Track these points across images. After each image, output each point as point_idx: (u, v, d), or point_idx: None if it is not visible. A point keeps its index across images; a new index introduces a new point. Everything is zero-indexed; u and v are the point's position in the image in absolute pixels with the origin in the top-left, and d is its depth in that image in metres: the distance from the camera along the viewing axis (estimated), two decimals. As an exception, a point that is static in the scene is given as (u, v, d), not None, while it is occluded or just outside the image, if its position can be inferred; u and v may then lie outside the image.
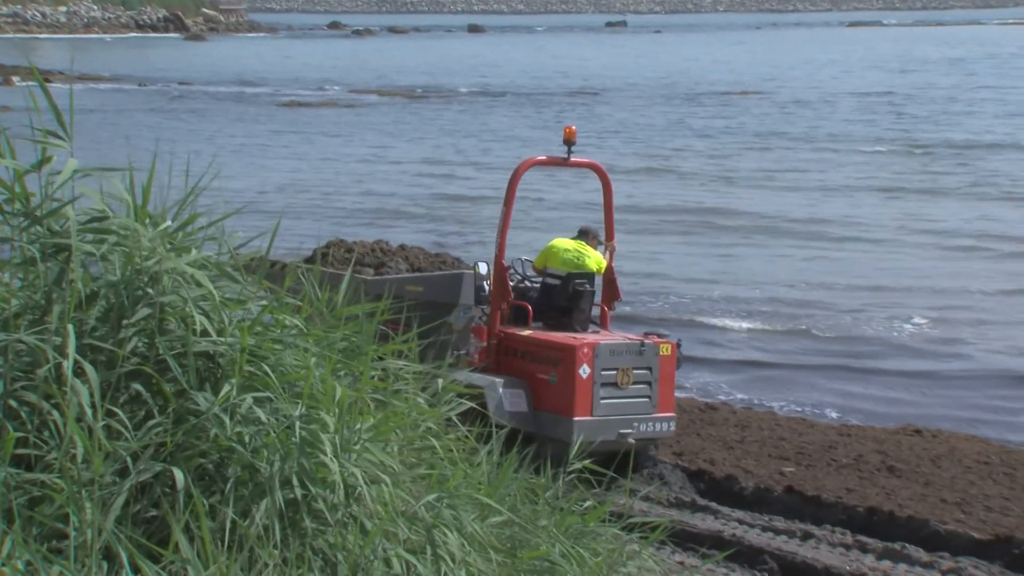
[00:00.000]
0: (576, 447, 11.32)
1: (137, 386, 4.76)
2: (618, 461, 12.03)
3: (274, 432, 4.74)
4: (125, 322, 4.76)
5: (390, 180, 38.91)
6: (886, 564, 11.05)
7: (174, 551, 4.44)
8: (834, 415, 16.50)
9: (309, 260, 13.95)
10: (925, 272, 25.06)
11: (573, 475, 7.17)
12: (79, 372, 4.49)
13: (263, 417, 4.73)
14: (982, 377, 17.86)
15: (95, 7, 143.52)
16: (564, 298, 12.57)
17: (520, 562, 5.70)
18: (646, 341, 12.22)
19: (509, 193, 12.71)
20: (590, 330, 12.63)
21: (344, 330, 5.38)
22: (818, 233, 29.32)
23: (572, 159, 12.92)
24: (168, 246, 4.95)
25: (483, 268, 12.90)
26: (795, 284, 24.20)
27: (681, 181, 38.48)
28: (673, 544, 10.74)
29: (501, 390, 11.87)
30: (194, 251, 5.06)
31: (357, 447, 4.95)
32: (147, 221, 5.03)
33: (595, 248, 12.89)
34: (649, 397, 12.15)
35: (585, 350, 11.78)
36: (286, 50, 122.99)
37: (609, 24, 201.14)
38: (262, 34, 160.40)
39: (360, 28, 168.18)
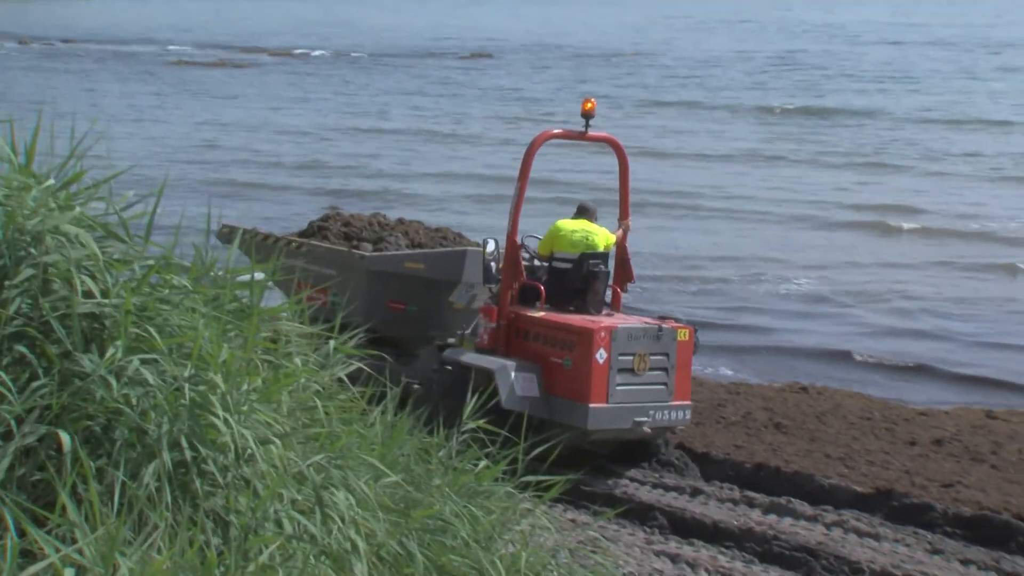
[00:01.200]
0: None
1: (21, 348, 4.66)
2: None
3: (162, 394, 4.67)
4: (7, 283, 4.66)
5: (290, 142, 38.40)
6: (772, 518, 11.24)
7: (61, 515, 4.37)
8: (728, 373, 16.70)
9: (304, 233, 13.69)
10: (807, 241, 25.28)
11: (467, 435, 7.15)
12: (-41, 334, 4.40)
13: (151, 379, 4.65)
14: (864, 335, 18.12)
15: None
16: (578, 280, 12.02)
17: (412, 521, 5.69)
18: (664, 326, 11.74)
19: (524, 168, 12.07)
20: (604, 312, 12.10)
21: (234, 289, 5.29)
22: (694, 204, 29.32)
23: (590, 133, 12.35)
24: (52, 205, 4.84)
25: (491, 246, 12.31)
26: (678, 250, 24.30)
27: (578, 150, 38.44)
28: (567, 503, 10.85)
29: (513, 374, 11.36)
30: (78, 210, 4.94)
31: (246, 408, 4.89)
32: (31, 179, 4.92)
33: (597, 224, 12.38)
34: (666, 384, 11.68)
35: (603, 334, 11.30)
36: (173, 7, 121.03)
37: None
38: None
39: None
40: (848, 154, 33.03)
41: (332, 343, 5.91)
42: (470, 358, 11.75)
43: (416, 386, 12.27)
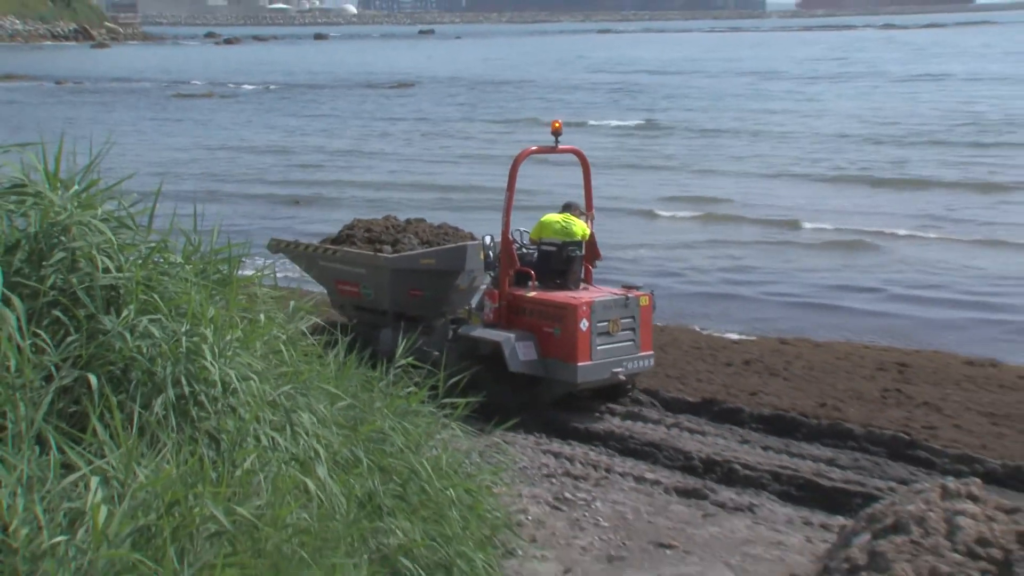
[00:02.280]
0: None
1: (56, 312, 4.62)
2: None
3: (165, 344, 4.64)
4: (44, 263, 4.61)
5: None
6: (628, 423, 11.38)
7: (92, 436, 4.34)
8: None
9: (336, 240, 13.19)
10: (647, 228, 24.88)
11: (399, 368, 7.15)
12: (8, 303, 4.34)
13: (156, 333, 4.63)
14: (694, 294, 18.25)
15: (18, 22, 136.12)
16: (560, 263, 11.70)
17: (360, 434, 5.71)
18: (630, 295, 11.40)
19: (511, 180, 11.61)
20: (581, 288, 11.71)
21: (218, 263, 5.25)
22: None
23: (560, 147, 11.83)
24: (76, 204, 4.78)
25: (488, 240, 11.97)
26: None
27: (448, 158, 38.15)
28: (477, 417, 10.87)
29: (515, 343, 11.15)
30: (97, 208, 4.88)
31: (230, 354, 4.88)
32: (59, 185, 4.85)
33: (579, 218, 12.10)
34: (633, 340, 11.39)
35: (584, 307, 11.01)
36: (172, 55, 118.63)
37: (421, 32, 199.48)
38: (153, 43, 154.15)
39: (230, 37, 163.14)
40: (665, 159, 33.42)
41: (292, 303, 5.88)
42: (480, 332, 11.56)
43: (435, 353, 12.20)
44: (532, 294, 11.48)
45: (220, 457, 4.63)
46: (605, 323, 11.14)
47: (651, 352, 11.64)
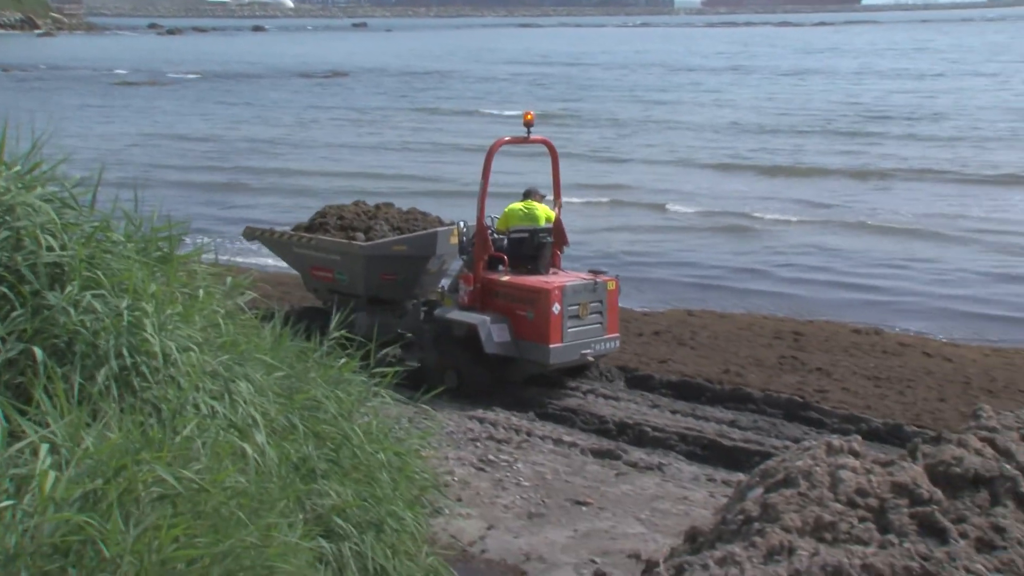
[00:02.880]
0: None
1: (3, 288, 4.49)
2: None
3: (108, 318, 4.54)
4: (-11, 242, 4.47)
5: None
6: (547, 389, 11.42)
7: (36, 407, 4.24)
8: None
9: (309, 227, 12.80)
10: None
11: (333, 341, 7.10)
12: (-46, 280, 4.21)
13: (99, 308, 4.51)
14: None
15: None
16: (531, 248, 11.50)
17: (295, 402, 5.66)
18: (598, 280, 11.15)
19: (485, 168, 11.29)
20: (551, 272, 11.47)
21: (158, 241, 5.15)
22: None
23: (532, 137, 11.52)
24: (19, 185, 4.65)
25: (462, 225, 11.80)
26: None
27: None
28: (405, 385, 10.83)
29: (490, 326, 10.89)
30: (40, 188, 4.75)
31: (170, 327, 4.79)
32: (2, 167, 4.71)
33: (540, 202, 11.84)
34: (601, 323, 11.16)
35: (556, 292, 10.79)
36: (116, 45, 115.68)
37: (354, 25, 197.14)
38: (97, 33, 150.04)
39: (172, 28, 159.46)
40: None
41: (230, 279, 5.80)
42: (455, 315, 11.29)
43: (409, 335, 12.07)
44: (505, 278, 11.24)
45: (162, 425, 4.56)
46: (575, 307, 10.93)
47: (617, 334, 11.41)
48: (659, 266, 18.58)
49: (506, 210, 11.83)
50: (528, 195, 11.94)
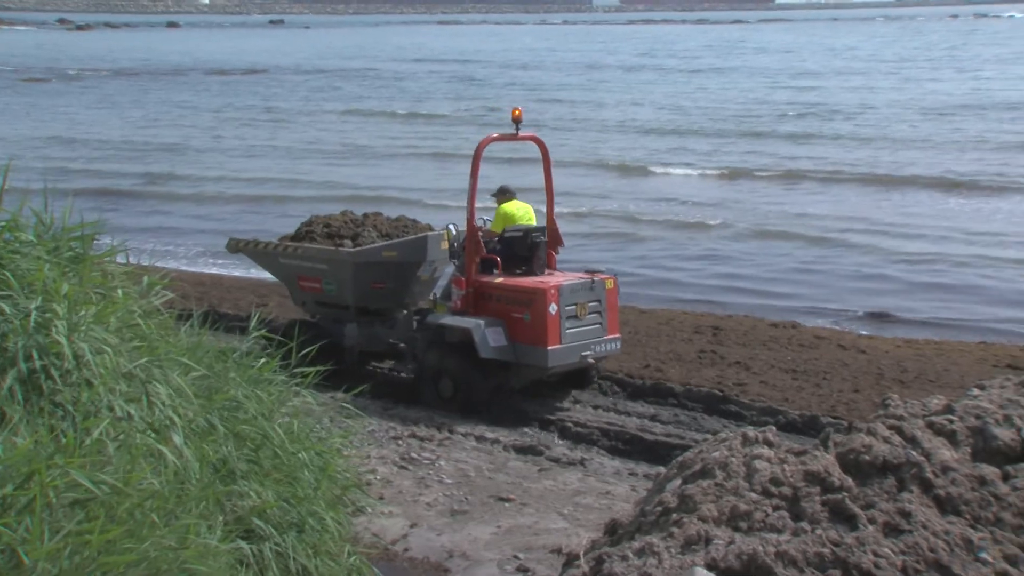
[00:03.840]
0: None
1: (-95, 292, 4.37)
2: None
3: (17, 320, 4.45)
4: None
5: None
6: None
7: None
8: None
9: (296, 237, 12.27)
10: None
11: (252, 341, 7.04)
12: None
13: (7, 309, 4.43)
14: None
15: None
16: (525, 249, 10.97)
17: (214, 403, 5.61)
18: (596, 278, 10.73)
19: (474, 167, 10.80)
20: (545, 273, 11.00)
21: (71, 241, 5.05)
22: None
23: (520, 134, 11.07)
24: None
25: (453, 229, 11.35)
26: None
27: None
28: (327, 386, 10.73)
29: (485, 330, 10.41)
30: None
31: (84, 328, 4.71)
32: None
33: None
34: (600, 324, 10.72)
35: (552, 291, 10.33)
36: (23, 40, 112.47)
37: (272, 22, 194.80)
38: (3, 27, 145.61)
39: (82, 24, 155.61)
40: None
41: (146, 279, 5.71)
42: (448, 320, 10.85)
43: (401, 345, 11.63)
44: (499, 280, 10.81)
45: (74, 429, 4.48)
46: (573, 307, 10.52)
47: (618, 335, 11.01)
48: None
49: (500, 210, 11.42)
50: (505, 192, 11.55)
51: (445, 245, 11.54)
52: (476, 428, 10.27)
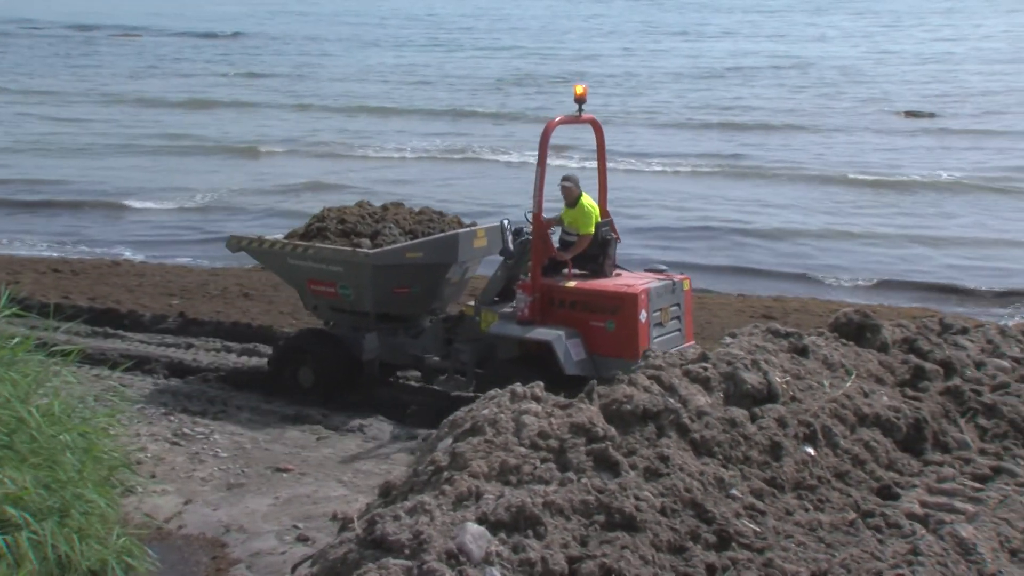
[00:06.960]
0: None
1: None
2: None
3: None
4: None
5: None
6: (244, 358, 11.27)
7: None
8: (188, 260, 16.26)
9: (305, 234, 10.68)
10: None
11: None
12: None
13: None
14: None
15: None
16: (594, 246, 9.63)
17: (-40, 387, 5.28)
18: (676, 279, 9.56)
19: (541, 153, 9.35)
20: (615, 274, 9.69)
21: None
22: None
23: (583, 116, 9.63)
24: None
25: (506, 224, 9.89)
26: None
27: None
28: (91, 364, 10.30)
29: (567, 342, 9.09)
30: None
31: None
32: None
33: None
34: (680, 330, 9.57)
35: (643, 296, 9.08)
36: None
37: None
38: None
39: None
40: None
41: None
42: (517, 331, 9.46)
43: (434, 359, 10.24)
44: (572, 283, 9.50)
45: None
46: (658, 312, 9.34)
47: (693, 343, 9.66)
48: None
49: (586, 205, 9.76)
50: (569, 179, 9.89)
51: (479, 243, 10.39)
52: (251, 399, 10.11)
